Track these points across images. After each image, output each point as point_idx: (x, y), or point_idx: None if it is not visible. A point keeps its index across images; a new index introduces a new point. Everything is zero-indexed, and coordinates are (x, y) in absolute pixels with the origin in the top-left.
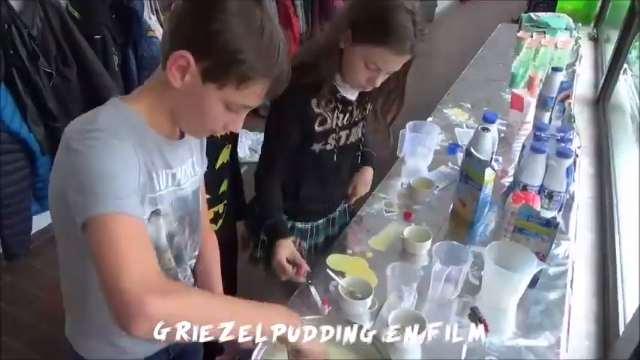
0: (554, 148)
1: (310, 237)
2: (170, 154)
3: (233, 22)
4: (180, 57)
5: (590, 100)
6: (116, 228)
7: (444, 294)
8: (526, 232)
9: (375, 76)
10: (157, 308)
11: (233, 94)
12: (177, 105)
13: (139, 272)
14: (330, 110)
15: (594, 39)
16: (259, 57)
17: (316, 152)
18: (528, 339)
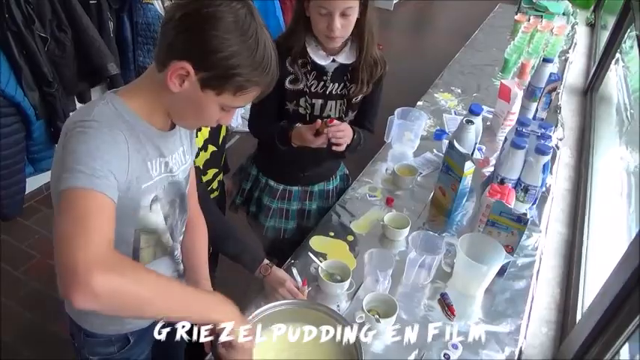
0: (534, 143)
1: (281, 199)
2: (162, 144)
3: (230, 40)
4: (180, 68)
5: (579, 89)
6: (82, 201)
7: (417, 279)
8: (498, 225)
9: (331, 20)
10: (100, 282)
11: (230, 99)
12: (174, 106)
13: (95, 245)
14: (304, 73)
15: (591, 25)
16: (254, 70)
17: (290, 112)
18: (491, 325)
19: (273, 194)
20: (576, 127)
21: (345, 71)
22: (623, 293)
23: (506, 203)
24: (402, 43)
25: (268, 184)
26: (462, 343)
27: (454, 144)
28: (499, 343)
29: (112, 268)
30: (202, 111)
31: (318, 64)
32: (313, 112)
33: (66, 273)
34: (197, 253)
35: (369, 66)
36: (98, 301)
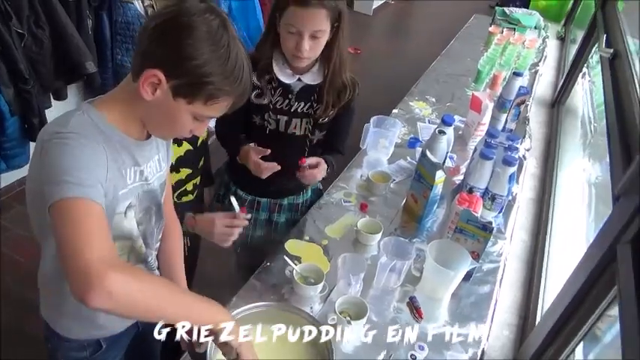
0: (501, 155)
1: (250, 208)
2: (138, 153)
3: (202, 48)
4: (152, 75)
5: (548, 101)
6: (79, 210)
7: (388, 283)
8: (465, 232)
9: (299, 40)
10: (115, 283)
11: (201, 108)
12: (147, 115)
13: (100, 248)
14: (269, 88)
15: (561, 38)
16: (226, 79)
17: (256, 125)
18: (456, 327)
19: (241, 203)
20: (543, 139)
21: (311, 91)
22: (578, 297)
23: (474, 211)
24: (380, 48)
25: (237, 193)
26: (428, 344)
27: (426, 153)
28: (463, 345)
29: (122, 269)
30: (175, 120)
31: (284, 83)
32: (278, 127)
33: (79, 276)
34: (173, 259)
35: (336, 89)
36: (112, 301)
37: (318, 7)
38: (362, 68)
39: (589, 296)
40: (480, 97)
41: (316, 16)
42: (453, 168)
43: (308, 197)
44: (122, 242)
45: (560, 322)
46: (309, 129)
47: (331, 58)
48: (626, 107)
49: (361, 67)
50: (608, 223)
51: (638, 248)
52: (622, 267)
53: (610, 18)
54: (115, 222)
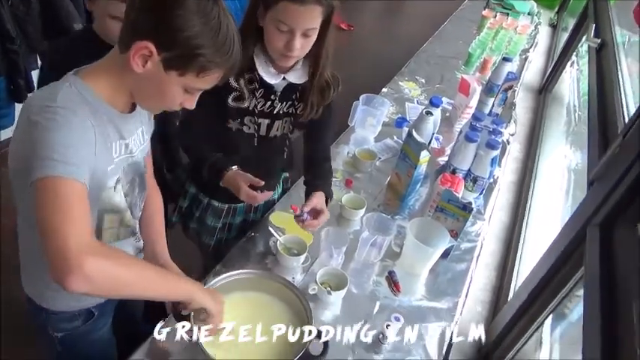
0: (485, 138)
1: (225, 216)
2: (123, 127)
3: (193, 20)
4: (143, 47)
5: (535, 87)
6: (62, 189)
7: (368, 257)
8: (446, 211)
9: (291, 39)
10: (93, 267)
11: (193, 80)
12: (137, 87)
13: (79, 232)
14: (250, 90)
15: (553, 26)
16: (217, 51)
17: (233, 131)
18: (432, 302)
19: (218, 214)
20: (528, 124)
21: (294, 90)
22: (548, 276)
23: (455, 192)
24: (373, 26)
25: (211, 205)
26: (404, 316)
27: (413, 133)
28: (437, 318)
29: (100, 253)
30: (165, 92)
31: (267, 83)
32: (259, 132)
33: (58, 259)
34: (155, 226)
35: (321, 88)
36: (91, 283)
37: (314, 3)
38: (354, 45)
39: (558, 275)
40: (468, 80)
41: (311, 13)
42: (438, 149)
43: (280, 190)
44: (112, 215)
45: (530, 300)
46: (288, 128)
47: (319, 56)
48: (607, 96)
49: (353, 43)
50: (581, 206)
51: (606, 231)
52: (590, 248)
53: (600, 8)
54: (105, 196)
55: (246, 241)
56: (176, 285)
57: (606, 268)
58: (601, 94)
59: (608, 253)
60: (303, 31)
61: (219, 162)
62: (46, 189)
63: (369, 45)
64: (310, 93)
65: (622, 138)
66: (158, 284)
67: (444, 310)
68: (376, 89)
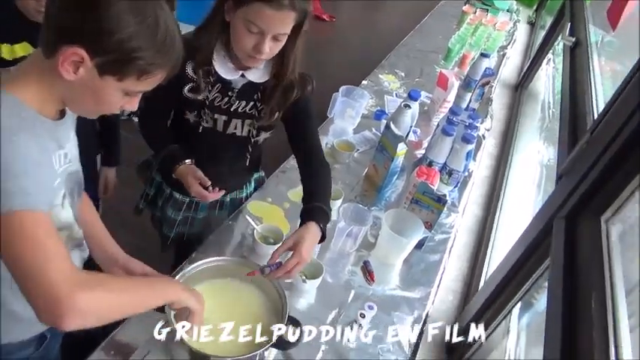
0: (461, 132)
1: (187, 210)
2: (59, 135)
3: (126, 20)
4: (72, 53)
5: (512, 84)
6: (30, 225)
7: (344, 247)
8: (421, 203)
9: (261, 41)
10: (86, 302)
11: (133, 84)
12: (70, 94)
13: (61, 268)
14: (207, 83)
15: (532, 23)
16: (157, 52)
17: (191, 123)
18: (405, 291)
19: (178, 206)
20: (504, 120)
21: (255, 90)
22: (516, 267)
23: (431, 184)
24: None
25: (173, 196)
26: (377, 304)
27: (391, 126)
28: (410, 307)
29: (87, 284)
30: (103, 99)
31: (224, 79)
32: (216, 127)
33: (47, 302)
34: (99, 228)
35: (284, 90)
36: (87, 318)
37: (289, 9)
38: (335, 36)
39: (525, 266)
40: (447, 74)
41: (285, 18)
42: (415, 142)
43: (251, 190)
44: (62, 233)
45: (498, 289)
46: (252, 132)
47: (287, 58)
48: (578, 94)
49: (335, 35)
50: (549, 200)
51: (571, 223)
52: (555, 240)
53: (577, 7)
54: (54, 215)
55: (223, 230)
56: (163, 292)
57: (570, 259)
58: (573, 91)
59: (572, 244)
60: (274, 34)
61: (173, 154)
62: (10, 227)
63: (350, 36)
64: (272, 94)
65: (590, 134)
66: (146, 297)
67: (416, 300)
68: (356, 81)
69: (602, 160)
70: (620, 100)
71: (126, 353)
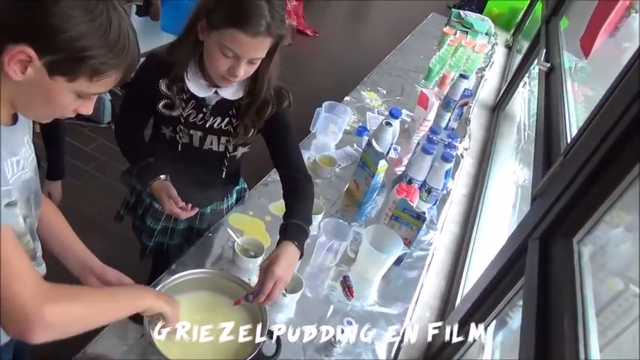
0: (441, 151)
1: (166, 220)
2: (12, 141)
3: (75, 19)
4: (19, 52)
5: (489, 105)
6: None
7: (324, 261)
8: (400, 220)
9: (236, 65)
10: (54, 315)
11: (85, 85)
12: (19, 96)
13: (28, 282)
14: (181, 100)
15: (509, 47)
16: (109, 52)
17: (166, 138)
18: (383, 307)
19: (157, 216)
20: (481, 140)
21: (229, 106)
22: (492, 285)
23: (410, 201)
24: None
25: (152, 206)
26: (356, 320)
27: (372, 142)
28: (388, 322)
29: (54, 296)
30: (54, 101)
31: (197, 96)
32: (192, 142)
33: (15, 317)
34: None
35: (259, 107)
36: (56, 330)
37: (265, 35)
38: (319, 51)
39: (501, 285)
40: (427, 94)
41: (261, 44)
42: (395, 159)
43: (233, 201)
44: None
45: (474, 307)
46: (228, 148)
47: (261, 77)
48: (553, 118)
49: (319, 49)
50: (524, 221)
51: (544, 244)
52: (530, 260)
53: (552, 34)
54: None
55: (203, 242)
56: (134, 301)
57: (543, 279)
58: (547, 115)
59: (545, 265)
60: (249, 59)
61: (147, 169)
62: None
63: (334, 52)
64: (246, 111)
65: (563, 158)
66: (117, 307)
67: (394, 315)
68: (339, 96)
69: (574, 183)
70: (593, 124)
71: None
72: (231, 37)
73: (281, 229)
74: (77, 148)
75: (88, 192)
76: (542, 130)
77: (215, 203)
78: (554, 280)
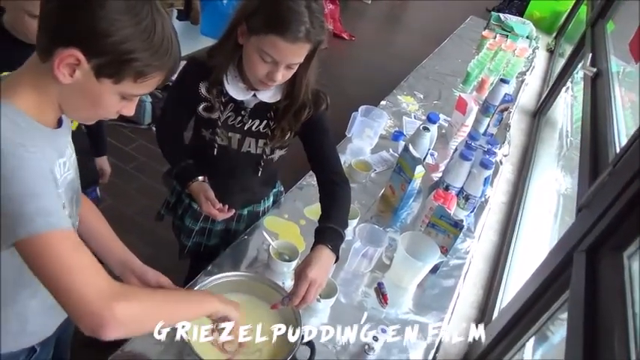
0: (479, 157)
1: (204, 221)
2: (58, 143)
3: (121, 22)
4: (68, 55)
5: (530, 110)
6: (57, 245)
7: (359, 267)
8: (437, 227)
9: (274, 70)
10: (124, 313)
11: (130, 87)
12: (66, 99)
13: (92, 282)
14: (220, 102)
15: (551, 51)
16: (153, 55)
17: (206, 140)
18: (418, 315)
19: (196, 217)
20: (521, 146)
21: (268, 109)
22: (533, 298)
23: (447, 208)
24: (375, 37)
25: (191, 207)
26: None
27: (409, 147)
28: (423, 332)
29: (126, 295)
30: (99, 102)
31: (235, 99)
32: (230, 144)
33: (88, 317)
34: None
35: (296, 110)
36: (126, 328)
37: (304, 41)
38: (355, 55)
39: (543, 298)
40: (466, 99)
41: (299, 50)
42: (432, 165)
43: (269, 204)
44: None
45: (514, 320)
46: (266, 151)
47: (299, 81)
48: (600, 125)
49: (355, 54)
50: (569, 232)
51: (591, 257)
52: (575, 273)
53: (598, 37)
54: None
55: (239, 244)
56: (201, 304)
57: (590, 294)
58: (594, 122)
59: (593, 279)
60: (287, 64)
61: (186, 170)
62: (38, 250)
63: (370, 56)
64: (284, 114)
65: (612, 167)
66: (185, 308)
67: (429, 325)
68: (374, 100)
69: (625, 194)
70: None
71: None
72: (270, 42)
73: (316, 233)
74: (117, 148)
75: (127, 192)
76: (588, 137)
77: (252, 205)
78: (603, 296)
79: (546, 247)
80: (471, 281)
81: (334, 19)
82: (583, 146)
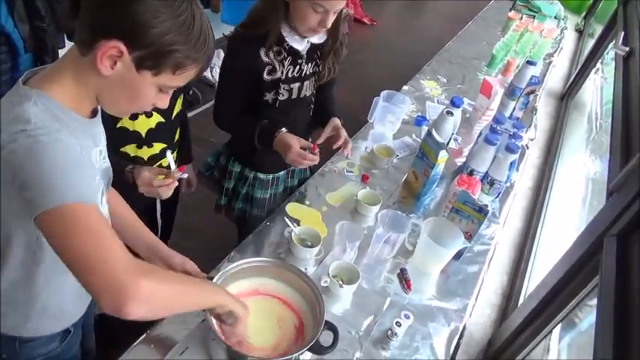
0: (505, 141)
1: (271, 187)
2: (95, 133)
3: (162, 14)
4: (111, 47)
5: (558, 93)
6: (82, 217)
7: (381, 253)
8: (461, 213)
9: (325, 18)
10: (150, 288)
11: (168, 79)
12: (104, 91)
13: (120, 256)
14: (279, 61)
15: (580, 31)
16: (192, 47)
17: (269, 103)
18: (442, 302)
19: (264, 186)
20: (548, 130)
21: (315, 50)
22: (561, 283)
23: (472, 194)
24: (396, 22)
25: (258, 178)
26: (413, 314)
27: (432, 132)
28: (446, 318)
29: (147, 273)
30: (138, 94)
31: (293, 49)
32: (291, 96)
33: (112, 290)
34: (134, 221)
35: (336, 48)
36: (150, 305)
37: None
38: (376, 40)
39: (571, 284)
40: (491, 82)
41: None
42: (456, 149)
43: (299, 180)
44: None
45: (541, 306)
46: (313, 88)
47: (337, 23)
48: (632, 106)
49: (376, 39)
50: (599, 216)
51: (623, 242)
52: (606, 258)
53: (631, 16)
54: None
55: (261, 230)
56: (211, 293)
57: (622, 279)
58: (626, 103)
59: (624, 264)
60: (335, 10)
61: (267, 126)
62: (61, 221)
63: (392, 40)
64: (328, 53)
65: None
66: (197, 297)
67: (453, 311)
68: (396, 85)
69: None
70: None
71: (165, 348)
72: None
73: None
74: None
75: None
76: (620, 118)
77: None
78: (634, 281)
79: (574, 232)
80: (495, 267)
81: (355, 4)
82: (614, 128)
